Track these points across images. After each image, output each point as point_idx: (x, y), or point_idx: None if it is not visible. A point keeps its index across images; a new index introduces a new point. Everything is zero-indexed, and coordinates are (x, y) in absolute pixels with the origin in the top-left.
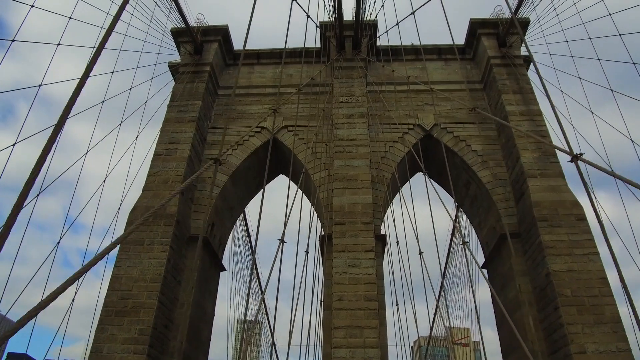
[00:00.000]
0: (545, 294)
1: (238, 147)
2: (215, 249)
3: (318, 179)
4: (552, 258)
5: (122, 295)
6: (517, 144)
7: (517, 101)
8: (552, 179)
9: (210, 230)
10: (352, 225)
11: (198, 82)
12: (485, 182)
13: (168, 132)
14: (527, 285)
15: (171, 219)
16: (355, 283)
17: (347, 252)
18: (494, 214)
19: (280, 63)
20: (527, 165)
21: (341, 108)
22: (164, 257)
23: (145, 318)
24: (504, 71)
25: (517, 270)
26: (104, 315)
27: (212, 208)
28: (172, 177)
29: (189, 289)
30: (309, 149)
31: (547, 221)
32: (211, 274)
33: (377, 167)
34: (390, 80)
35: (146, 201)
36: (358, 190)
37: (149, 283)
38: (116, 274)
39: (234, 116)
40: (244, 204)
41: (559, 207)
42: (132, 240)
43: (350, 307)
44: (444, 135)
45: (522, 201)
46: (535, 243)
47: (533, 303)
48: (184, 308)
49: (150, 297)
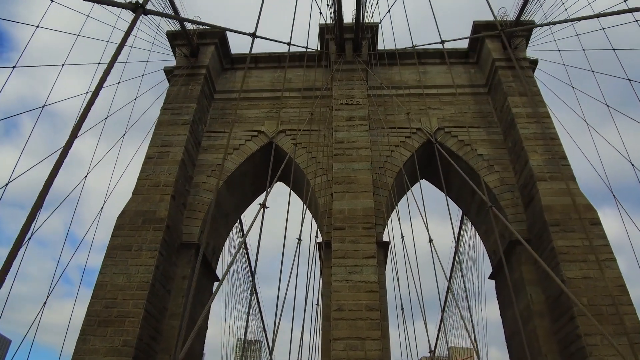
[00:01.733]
0: (559, 303)
1: (234, 152)
2: (209, 258)
3: (316, 184)
4: (566, 265)
5: (107, 304)
6: (526, 147)
7: (524, 103)
8: (563, 182)
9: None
10: (352, 230)
11: (193, 84)
12: (492, 187)
13: (161, 134)
14: (539, 295)
15: (161, 224)
16: (356, 291)
17: (347, 259)
18: (501, 221)
19: (279, 67)
20: (537, 168)
21: (341, 110)
22: (152, 264)
23: (130, 328)
24: (509, 73)
25: (528, 279)
26: (86, 325)
27: (206, 214)
28: (164, 181)
29: (180, 298)
30: (308, 153)
31: (560, 226)
32: (204, 284)
33: (379, 172)
34: (392, 84)
35: (135, 205)
36: (359, 194)
37: (135, 291)
38: (101, 281)
39: (230, 120)
40: (239, 212)
41: (571, 211)
42: (119, 245)
43: (351, 317)
44: (448, 139)
45: (531, 206)
46: (548, 249)
47: (546, 314)
48: (174, 319)
49: (137, 305)
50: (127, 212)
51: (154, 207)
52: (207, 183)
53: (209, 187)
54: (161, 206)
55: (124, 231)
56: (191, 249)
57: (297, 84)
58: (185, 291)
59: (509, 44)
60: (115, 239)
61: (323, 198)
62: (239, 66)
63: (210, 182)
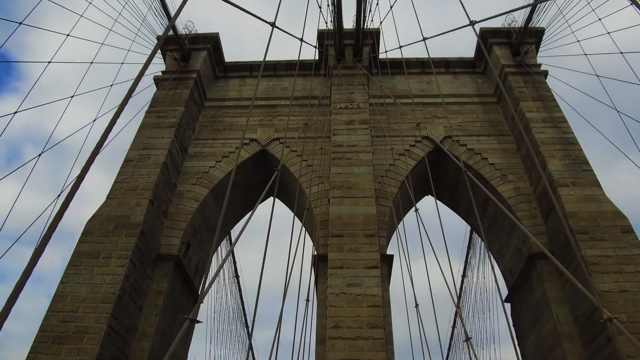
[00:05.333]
0: (592, 322)
1: (223, 160)
2: (191, 275)
3: (312, 192)
4: (598, 276)
5: (64, 318)
6: (543, 151)
7: (538, 108)
8: (586, 187)
9: (185, 251)
10: (351, 238)
11: (182, 88)
12: (507, 197)
13: (143, 137)
14: (567, 315)
15: (135, 229)
16: (356, 306)
17: (345, 269)
18: (518, 234)
19: (274, 76)
20: (557, 174)
21: (340, 114)
22: (121, 273)
23: (88, 346)
24: (520, 79)
25: (553, 297)
26: (38, 341)
27: (189, 225)
28: (142, 185)
29: (153, 317)
30: (304, 161)
31: (587, 234)
32: (184, 303)
33: (381, 181)
34: (394, 93)
35: (108, 209)
36: (359, 199)
37: (99, 303)
38: (61, 291)
39: (221, 128)
40: (228, 227)
41: (599, 218)
42: (86, 252)
43: (350, 336)
44: (456, 148)
45: (552, 215)
46: (575, 261)
47: (576, 336)
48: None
49: (98, 320)
50: (98, 216)
51: (128, 211)
52: (192, 191)
53: (193, 196)
54: (137, 211)
55: (93, 237)
56: (169, 261)
57: (295, 92)
58: (160, 309)
59: (518, 50)
60: (81, 245)
61: (318, 208)
62: (233, 74)
63: (195, 190)
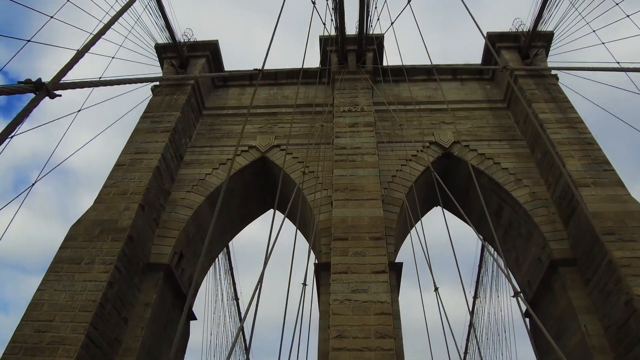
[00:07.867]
0: (627, 331)
1: (220, 167)
2: (183, 288)
3: (314, 199)
4: (631, 279)
5: (39, 327)
6: (560, 152)
7: (552, 109)
8: (609, 187)
9: (177, 262)
10: (356, 241)
11: (179, 94)
12: (523, 202)
13: (136, 142)
14: (596, 325)
15: (121, 234)
16: (362, 314)
17: (350, 274)
18: (536, 241)
19: (275, 84)
20: (576, 174)
21: (343, 117)
22: (104, 279)
23: (63, 358)
24: (531, 82)
25: (579, 306)
26: (7, 353)
27: (182, 233)
28: (133, 189)
29: (139, 330)
30: (305, 167)
31: (615, 235)
32: (175, 317)
33: (387, 187)
34: (399, 100)
35: (95, 214)
36: (364, 202)
37: (77, 312)
38: (37, 299)
39: (219, 135)
40: (225, 239)
41: (626, 219)
42: (67, 258)
43: (356, 347)
44: (467, 153)
45: (574, 218)
46: (603, 265)
47: (608, 349)
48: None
49: (76, 330)
50: (84, 221)
51: (116, 216)
52: (186, 199)
53: (187, 204)
54: (125, 215)
55: (76, 242)
56: (159, 270)
57: (295, 101)
58: (147, 322)
59: (527, 54)
60: (63, 251)
61: (320, 215)
62: (233, 83)
63: (190, 197)
